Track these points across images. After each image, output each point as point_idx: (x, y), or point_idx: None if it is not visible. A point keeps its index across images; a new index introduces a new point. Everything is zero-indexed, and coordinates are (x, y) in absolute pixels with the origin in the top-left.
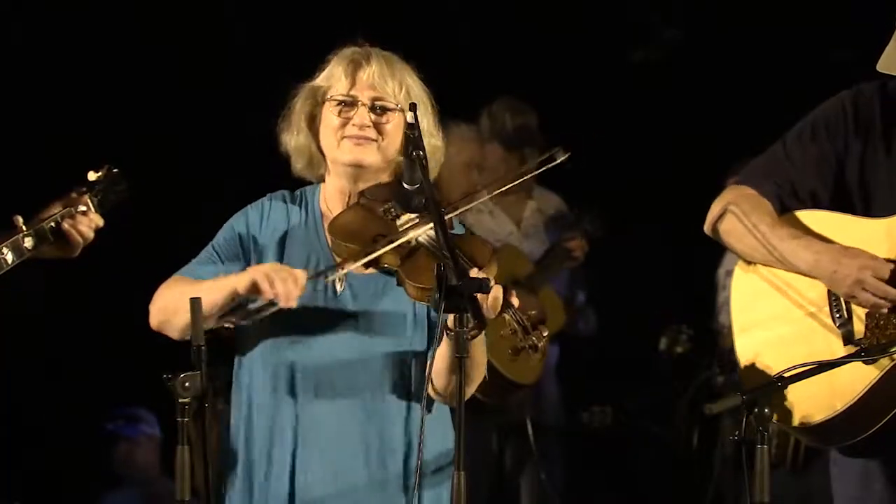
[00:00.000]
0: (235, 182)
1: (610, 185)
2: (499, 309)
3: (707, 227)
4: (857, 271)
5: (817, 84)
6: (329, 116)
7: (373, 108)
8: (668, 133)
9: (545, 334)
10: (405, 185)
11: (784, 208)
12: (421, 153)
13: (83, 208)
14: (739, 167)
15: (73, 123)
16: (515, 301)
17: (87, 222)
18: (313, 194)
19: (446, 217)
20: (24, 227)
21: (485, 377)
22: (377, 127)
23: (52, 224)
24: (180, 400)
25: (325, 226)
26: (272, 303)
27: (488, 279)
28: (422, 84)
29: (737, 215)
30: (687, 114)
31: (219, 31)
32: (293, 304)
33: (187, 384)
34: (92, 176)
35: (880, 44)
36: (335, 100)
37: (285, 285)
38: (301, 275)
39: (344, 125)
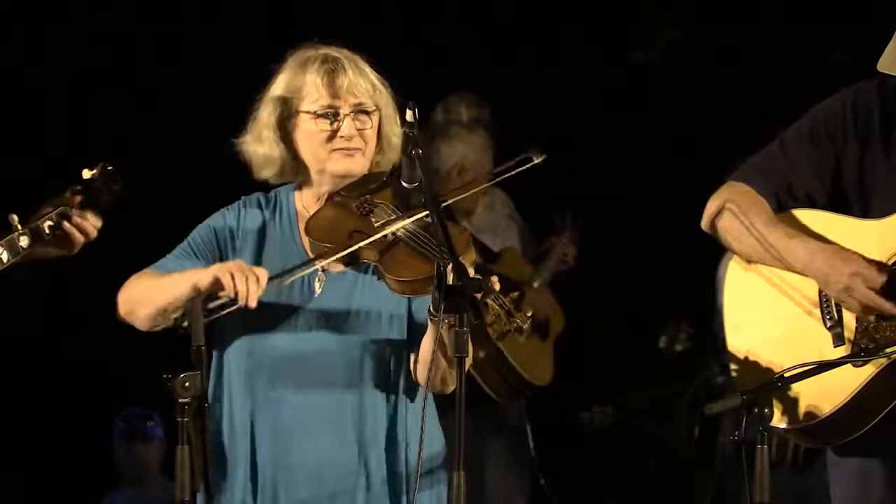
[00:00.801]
0: (233, 182)
1: (610, 185)
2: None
3: (704, 224)
4: (848, 278)
5: (817, 84)
6: (311, 129)
7: (354, 116)
8: (668, 133)
9: (529, 315)
10: (404, 184)
11: (780, 206)
12: (420, 152)
13: (80, 207)
14: (739, 166)
15: (68, 121)
16: (497, 285)
17: (93, 220)
18: (287, 196)
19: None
20: (19, 226)
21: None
22: (360, 134)
23: (49, 223)
24: (180, 400)
25: (301, 227)
26: (232, 301)
27: (487, 279)
28: (372, 71)
29: (734, 213)
30: (687, 114)
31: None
32: (252, 303)
33: (187, 384)
34: (87, 174)
35: (880, 44)
36: (318, 113)
37: (246, 284)
38: (263, 274)
39: (331, 138)
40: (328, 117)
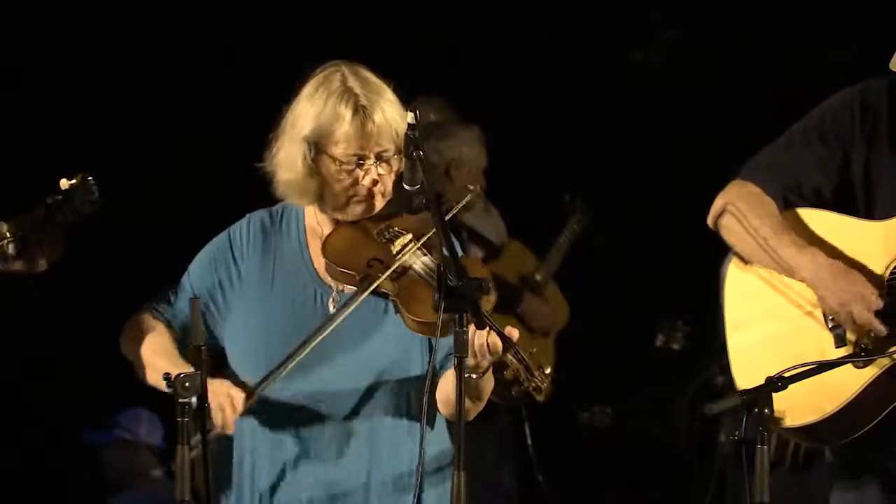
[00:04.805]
0: (227, 184)
1: (610, 186)
2: (500, 353)
3: (710, 221)
4: (850, 296)
5: (817, 84)
6: (335, 173)
7: (377, 159)
8: (668, 133)
9: (548, 372)
10: (405, 187)
11: (787, 204)
12: (421, 153)
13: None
14: (741, 168)
15: (55, 127)
16: (515, 334)
17: (55, 242)
18: (297, 211)
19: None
20: (7, 234)
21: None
22: (381, 179)
23: (36, 231)
24: (180, 400)
25: (311, 245)
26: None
27: (487, 279)
28: (396, 100)
29: (741, 212)
30: (687, 114)
31: (217, 32)
32: (230, 430)
33: (187, 384)
34: (64, 184)
35: (880, 44)
36: (343, 162)
37: (222, 413)
38: (238, 397)
39: (354, 184)
40: (353, 164)
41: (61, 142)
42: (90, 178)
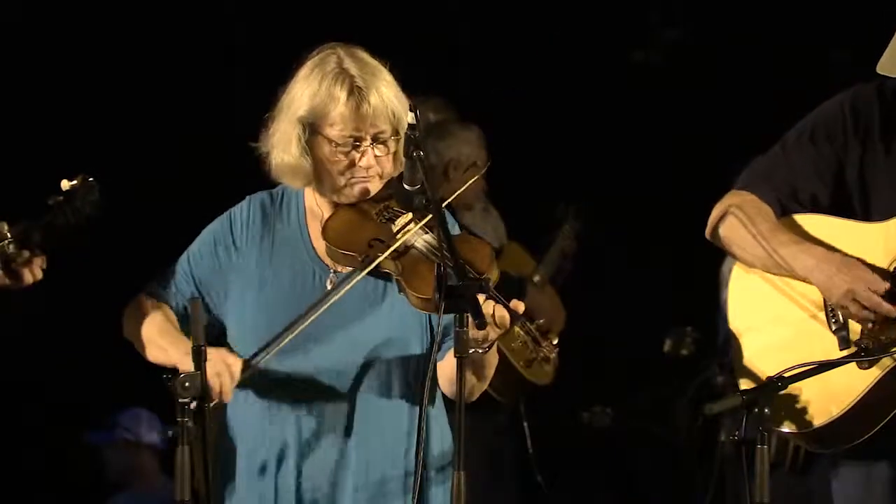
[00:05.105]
0: (227, 185)
1: (610, 186)
2: (507, 325)
3: (708, 232)
4: (852, 282)
5: (817, 84)
6: (331, 155)
7: (374, 141)
8: (668, 133)
9: (555, 343)
10: (406, 186)
11: (784, 212)
12: (422, 153)
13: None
14: (741, 168)
15: (55, 128)
16: (521, 307)
17: (39, 262)
18: (297, 194)
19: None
20: (8, 234)
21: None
22: (378, 161)
23: (36, 233)
24: (180, 400)
25: (310, 228)
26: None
27: (488, 279)
28: (393, 82)
29: (739, 219)
30: (687, 114)
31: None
32: (228, 398)
33: (187, 384)
34: (65, 185)
35: (880, 44)
36: (339, 143)
37: (220, 379)
38: (236, 364)
39: (350, 166)
40: (349, 146)
41: (62, 142)
42: (91, 178)
